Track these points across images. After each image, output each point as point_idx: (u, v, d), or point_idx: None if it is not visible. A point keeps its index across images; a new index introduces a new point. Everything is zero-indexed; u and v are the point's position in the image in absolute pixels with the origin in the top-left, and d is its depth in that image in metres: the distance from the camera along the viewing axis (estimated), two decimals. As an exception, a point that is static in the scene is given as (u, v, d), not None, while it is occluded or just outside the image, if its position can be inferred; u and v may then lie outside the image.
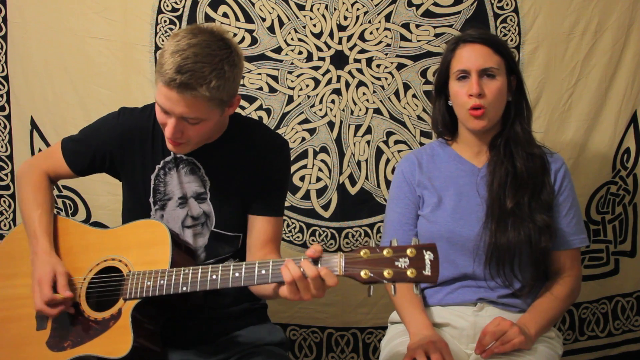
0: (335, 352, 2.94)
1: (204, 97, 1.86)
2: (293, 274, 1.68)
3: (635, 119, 2.84)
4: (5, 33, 2.84)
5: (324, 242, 2.88)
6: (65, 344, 1.97)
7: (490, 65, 2.14)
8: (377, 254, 1.65)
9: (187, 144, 1.99)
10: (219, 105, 1.94)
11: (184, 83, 1.83)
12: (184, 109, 1.88)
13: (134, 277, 1.93)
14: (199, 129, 1.95)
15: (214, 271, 1.82)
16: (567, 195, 2.20)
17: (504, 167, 2.16)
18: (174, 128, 1.92)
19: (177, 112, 1.88)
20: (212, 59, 1.87)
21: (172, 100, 1.87)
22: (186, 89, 1.84)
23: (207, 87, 1.85)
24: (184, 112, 1.88)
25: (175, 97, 1.86)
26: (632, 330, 2.96)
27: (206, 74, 1.85)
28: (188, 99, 1.86)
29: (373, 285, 1.65)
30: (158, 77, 1.88)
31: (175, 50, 1.85)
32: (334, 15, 2.82)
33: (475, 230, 2.15)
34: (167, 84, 1.85)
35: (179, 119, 1.91)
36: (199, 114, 1.91)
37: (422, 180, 2.27)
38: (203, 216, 2.12)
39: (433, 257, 1.63)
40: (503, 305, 2.16)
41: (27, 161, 2.28)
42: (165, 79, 1.84)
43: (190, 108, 1.88)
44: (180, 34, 1.90)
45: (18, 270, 2.10)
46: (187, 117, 1.90)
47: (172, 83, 1.83)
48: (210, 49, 1.88)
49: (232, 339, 2.13)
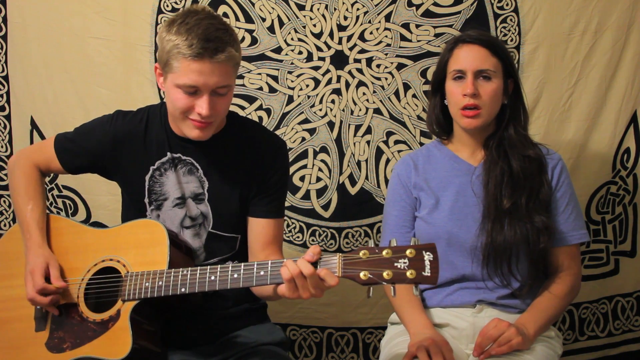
0: (335, 352, 2.94)
1: (234, 57, 1.92)
2: (292, 271, 1.69)
3: (635, 119, 2.83)
4: (5, 33, 2.85)
5: (324, 242, 2.88)
6: (64, 345, 1.97)
7: (487, 67, 2.15)
8: (377, 254, 1.64)
9: (214, 123, 2.00)
10: (236, 71, 2.00)
11: (217, 47, 1.88)
12: (218, 77, 1.90)
13: (132, 278, 1.93)
14: (226, 101, 1.98)
15: (212, 272, 1.82)
16: (564, 191, 2.20)
17: (499, 166, 2.16)
18: (209, 104, 1.92)
19: (211, 83, 1.90)
20: (224, 26, 1.94)
21: (206, 73, 1.89)
22: (222, 51, 1.88)
23: (235, 48, 1.93)
24: (218, 82, 1.91)
25: (208, 68, 1.88)
26: (632, 330, 2.96)
27: (228, 38, 1.91)
28: (221, 65, 1.90)
29: (372, 286, 1.65)
30: (176, 59, 1.89)
31: (189, 28, 1.88)
32: (334, 15, 2.82)
33: (473, 230, 2.15)
34: (200, 56, 1.87)
35: (211, 94, 1.93)
36: (229, 80, 1.95)
37: (419, 182, 2.27)
38: (201, 217, 2.12)
39: (432, 258, 1.62)
40: (502, 307, 2.16)
41: (19, 152, 2.29)
42: (194, 52, 1.86)
43: (223, 75, 1.91)
44: (179, 19, 1.93)
45: (15, 271, 2.10)
46: (220, 85, 1.92)
47: (205, 52, 1.86)
48: (216, 19, 1.95)
49: (232, 339, 2.13)
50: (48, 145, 2.21)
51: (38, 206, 2.13)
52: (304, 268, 1.68)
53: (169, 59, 1.91)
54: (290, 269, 1.69)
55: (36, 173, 2.20)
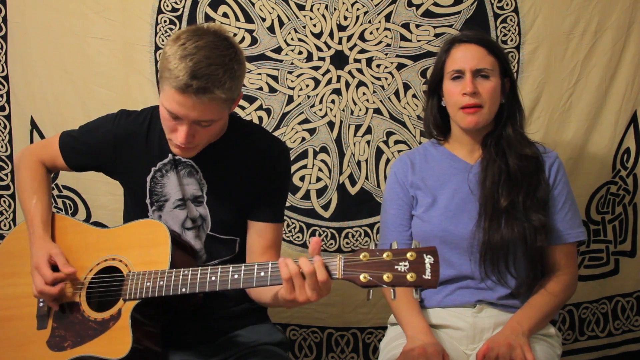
0: (335, 352, 2.94)
1: (220, 99, 1.85)
2: (290, 269, 1.69)
3: (635, 119, 2.84)
4: (5, 33, 2.84)
5: (324, 242, 2.88)
6: (65, 344, 1.97)
7: (485, 65, 2.15)
8: (377, 257, 1.64)
9: (196, 147, 1.98)
10: (230, 105, 1.94)
11: (202, 87, 1.80)
12: (199, 113, 1.85)
13: (133, 277, 1.93)
14: (209, 130, 1.94)
15: (213, 273, 1.83)
16: (561, 189, 2.20)
17: (497, 164, 2.17)
18: (186, 134, 1.89)
19: (191, 117, 1.86)
20: (222, 60, 1.85)
21: (187, 106, 1.84)
22: (204, 93, 1.81)
23: (223, 89, 1.83)
24: (199, 117, 1.86)
25: (190, 103, 1.83)
26: (632, 330, 2.95)
27: (220, 76, 1.83)
28: (204, 103, 1.83)
29: (372, 289, 1.65)
30: (166, 82, 1.85)
31: (184, 55, 1.81)
32: (334, 15, 2.82)
33: (469, 228, 2.16)
34: (182, 90, 1.81)
35: (191, 124, 1.89)
36: (213, 116, 1.89)
37: (415, 181, 2.27)
38: (200, 219, 2.12)
39: (433, 261, 1.61)
40: (502, 307, 2.16)
41: (25, 148, 2.30)
42: (179, 85, 1.80)
43: (205, 112, 1.86)
44: (183, 37, 1.86)
45: (19, 270, 2.10)
46: (201, 120, 1.88)
47: (188, 89, 1.80)
48: (219, 50, 1.86)
49: (232, 339, 2.14)
50: (53, 142, 2.21)
51: (42, 200, 2.13)
52: (304, 266, 1.68)
53: (162, 78, 1.88)
54: (290, 268, 1.70)
55: (41, 168, 2.21)
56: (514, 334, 2.03)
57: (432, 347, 2.01)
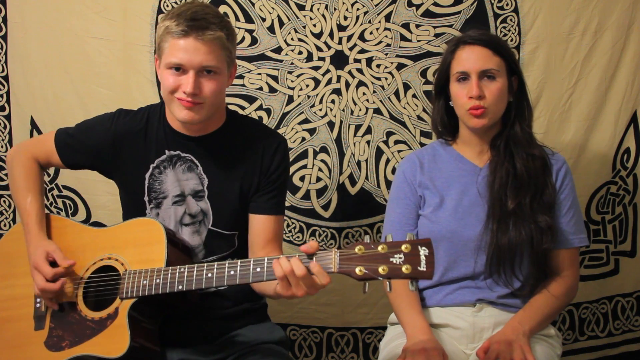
0: (335, 352, 2.93)
1: (220, 38, 1.95)
2: (284, 268, 1.70)
3: (635, 119, 2.83)
4: (5, 33, 2.85)
5: (324, 242, 2.88)
6: (63, 343, 1.97)
7: (490, 66, 2.14)
8: (372, 250, 1.64)
9: (203, 105, 2.00)
10: (228, 60, 2.01)
11: (202, 26, 1.92)
12: (203, 56, 1.94)
13: (130, 276, 1.93)
14: (214, 85, 1.98)
15: (209, 269, 1.83)
16: (567, 194, 2.20)
17: (505, 167, 2.16)
18: (193, 82, 1.94)
19: (196, 61, 1.93)
20: (216, 13, 2.00)
21: (190, 50, 1.93)
22: (205, 29, 1.92)
23: (221, 29, 1.96)
24: (203, 60, 1.94)
25: (192, 45, 1.92)
26: (632, 330, 2.95)
27: (216, 21, 1.96)
28: (207, 44, 1.93)
29: (368, 281, 1.65)
30: (167, 40, 1.95)
31: (179, 12, 1.94)
32: (334, 15, 2.82)
33: (477, 230, 2.15)
34: (185, 33, 1.92)
35: (197, 73, 1.95)
36: (216, 62, 1.96)
37: (424, 181, 2.27)
38: (200, 214, 2.12)
39: (428, 253, 1.62)
40: (502, 306, 2.16)
41: (18, 145, 2.31)
42: (180, 30, 1.92)
43: (208, 54, 1.94)
44: (175, 8, 2.00)
45: (16, 271, 2.11)
46: (205, 65, 1.94)
47: (190, 30, 1.91)
48: (210, 8, 2.02)
49: (232, 338, 2.14)
50: (48, 139, 2.21)
51: (37, 199, 2.14)
52: (296, 268, 1.69)
53: (161, 42, 1.97)
54: (283, 267, 1.70)
55: (35, 166, 2.21)
56: (514, 334, 2.03)
57: (432, 347, 2.01)
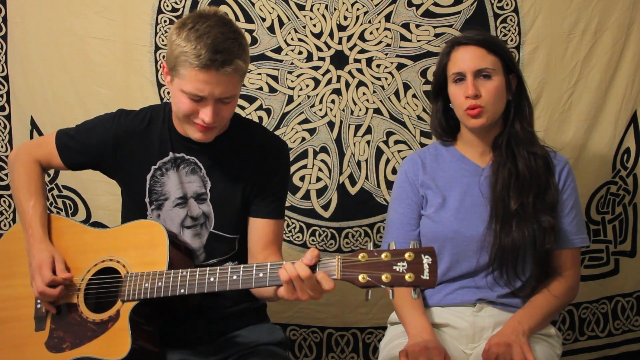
0: (335, 352, 2.94)
1: (240, 69, 1.93)
2: (290, 273, 1.70)
3: (635, 119, 2.83)
4: (5, 33, 2.85)
5: (324, 242, 2.89)
6: (63, 345, 1.97)
7: (485, 65, 2.14)
8: (375, 257, 1.64)
9: (217, 127, 2.01)
10: (242, 79, 2.01)
11: (225, 60, 1.88)
12: (224, 87, 1.91)
13: (131, 278, 1.93)
14: (229, 108, 1.99)
15: (211, 274, 1.83)
16: (569, 194, 2.20)
17: (507, 167, 2.16)
18: (212, 112, 1.94)
19: (217, 93, 1.91)
20: (233, 34, 1.93)
21: (212, 83, 1.90)
22: (228, 64, 1.89)
23: (241, 59, 1.92)
24: (224, 92, 1.92)
25: (214, 79, 1.89)
26: (632, 330, 2.95)
27: (237, 48, 1.91)
28: (228, 76, 1.90)
29: (371, 289, 1.65)
30: (184, 66, 1.90)
31: (199, 35, 1.88)
32: (334, 15, 2.82)
33: (480, 230, 2.15)
34: (206, 67, 1.87)
35: (216, 102, 1.94)
36: (234, 90, 1.96)
37: (426, 181, 2.27)
38: (202, 217, 2.12)
39: (431, 261, 1.62)
40: (502, 305, 2.16)
41: (19, 146, 2.29)
42: (203, 62, 1.87)
43: (228, 86, 1.92)
44: (189, 22, 1.93)
45: (16, 271, 2.10)
46: (225, 96, 1.93)
47: (213, 64, 1.87)
48: (227, 27, 1.94)
49: (232, 339, 2.14)
50: (49, 141, 2.21)
51: (40, 202, 2.14)
52: (301, 271, 1.69)
53: (177, 65, 1.92)
54: (289, 271, 1.70)
55: (37, 168, 2.20)
56: (514, 333, 2.03)
57: (434, 346, 2.01)
